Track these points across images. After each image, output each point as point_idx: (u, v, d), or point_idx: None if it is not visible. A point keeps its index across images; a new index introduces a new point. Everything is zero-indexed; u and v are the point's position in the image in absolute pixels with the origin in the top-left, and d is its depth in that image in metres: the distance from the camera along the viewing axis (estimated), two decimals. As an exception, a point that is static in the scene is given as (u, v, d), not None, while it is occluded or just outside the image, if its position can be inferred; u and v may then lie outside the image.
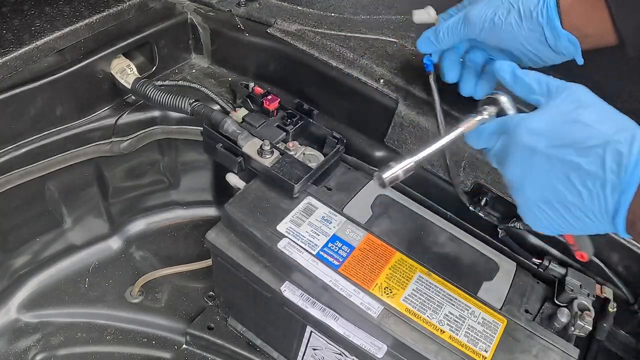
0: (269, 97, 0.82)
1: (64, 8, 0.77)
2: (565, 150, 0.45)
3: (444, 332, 0.64)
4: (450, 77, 0.70)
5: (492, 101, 0.56)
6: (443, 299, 0.67)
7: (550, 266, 0.72)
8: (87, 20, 0.76)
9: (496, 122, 0.53)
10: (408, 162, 0.55)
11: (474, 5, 0.62)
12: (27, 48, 0.70)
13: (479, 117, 0.56)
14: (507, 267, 0.73)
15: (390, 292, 0.67)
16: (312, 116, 0.83)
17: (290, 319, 0.73)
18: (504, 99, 0.55)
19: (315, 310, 0.68)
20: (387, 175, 0.55)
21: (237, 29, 0.90)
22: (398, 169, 0.55)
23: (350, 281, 0.67)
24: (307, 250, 0.69)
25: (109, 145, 0.88)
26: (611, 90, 0.87)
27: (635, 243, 0.68)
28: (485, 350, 0.63)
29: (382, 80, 0.80)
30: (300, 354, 0.78)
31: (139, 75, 0.85)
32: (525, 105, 0.57)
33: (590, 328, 0.66)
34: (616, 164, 0.42)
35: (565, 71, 0.91)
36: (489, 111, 0.56)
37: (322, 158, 0.79)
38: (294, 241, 0.70)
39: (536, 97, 0.51)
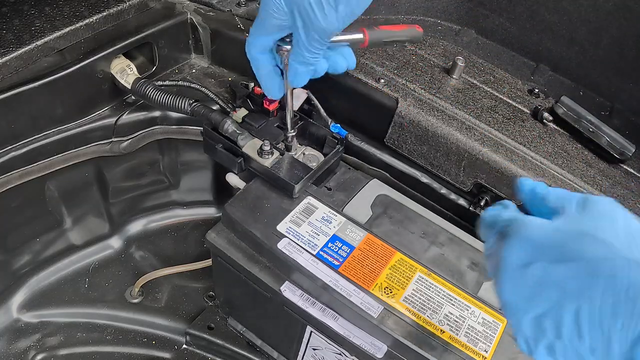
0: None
1: (64, 8, 0.77)
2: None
3: (444, 332, 0.64)
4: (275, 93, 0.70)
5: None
6: (443, 299, 0.67)
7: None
8: (87, 20, 0.76)
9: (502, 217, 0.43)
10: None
11: None
12: (27, 48, 0.70)
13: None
14: (507, 267, 0.73)
15: (390, 292, 0.67)
16: (312, 116, 0.83)
17: (290, 319, 0.73)
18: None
19: (315, 310, 0.68)
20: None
21: (237, 29, 0.90)
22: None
23: (350, 281, 0.67)
24: (307, 250, 0.69)
25: (109, 145, 0.88)
26: (611, 90, 0.87)
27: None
28: (485, 351, 0.63)
29: (382, 80, 0.80)
30: (300, 354, 0.78)
31: (139, 75, 0.85)
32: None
33: (590, 328, 0.66)
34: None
35: (565, 71, 0.91)
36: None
37: (322, 158, 0.79)
38: (294, 241, 0.70)
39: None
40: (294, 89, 0.74)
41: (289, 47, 0.62)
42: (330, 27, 0.56)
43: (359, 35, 0.63)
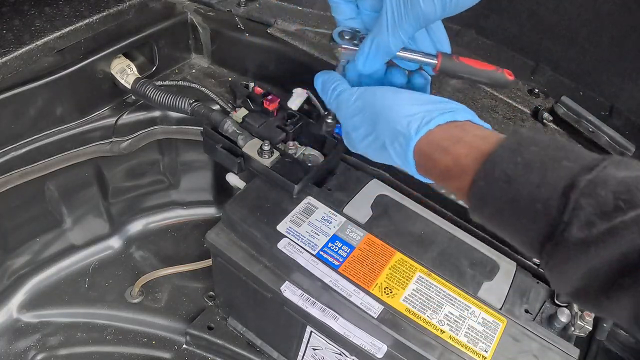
0: (269, 97, 0.82)
1: (64, 8, 0.77)
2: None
3: (444, 332, 0.64)
4: None
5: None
6: (443, 299, 0.67)
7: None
8: (87, 20, 0.76)
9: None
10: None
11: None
12: (27, 48, 0.70)
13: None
14: (507, 267, 0.73)
15: (390, 292, 0.67)
16: (312, 116, 0.83)
17: (290, 319, 0.73)
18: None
19: (315, 310, 0.68)
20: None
21: (237, 29, 0.90)
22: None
23: (350, 281, 0.67)
24: (307, 250, 0.69)
25: (109, 145, 0.88)
26: (611, 90, 0.87)
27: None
28: (485, 351, 0.63)
29: (382, 80, 0.80)
30: (300, 354, 0.78)
31: (139, 75, 0.85)
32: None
33: (590, 328, 0.66)
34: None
35: (565, 71, 0.91)
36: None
37: (322, 158, 0.79)
38: (294, 241, 0.70)
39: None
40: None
41: (348, 46, 0.57)
42: (428, 10, 0.49)
43: (432, 60, 0.56)
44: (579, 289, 0.39)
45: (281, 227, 0.71)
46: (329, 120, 0.65)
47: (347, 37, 0.57)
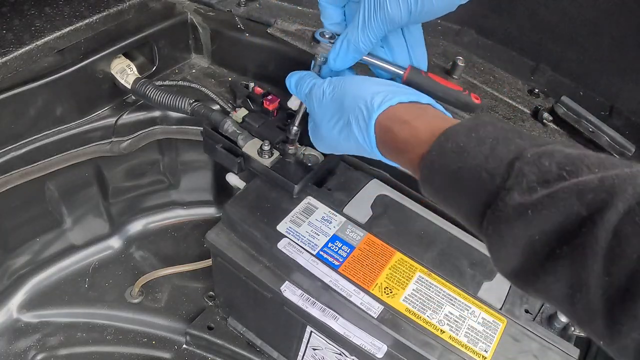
0: (269, 97, 0.82)
1: (64, 8, 0.77)
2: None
3: (444, 332, 0.64)
4: None
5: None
6: (443, 299, 0.67)
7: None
8: (87, 20, 0.76)
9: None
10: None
11: None
12: (27, 48, 0.70)
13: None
14: (507, 267, 0.73)
15: (390, 292, 0.67)
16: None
17: (290, 319, 0.73)
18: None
19: (315, 310, 0.68)
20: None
21: (237, 29, 0.90)
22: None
23: (350, 281, 0.67)
24: (307, 250, 0.69)
25: (109, 145, 0.88)
26: (611, 90, 0.87)
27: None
28: (485, 351, 0.63)
29: (382, 80, 0.80)
30: (300, 354, 0.78)
31: (139, 75, 0.85)
32: None
33: (590, 328, 0.66)
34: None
35: (565, 71, 0.91)
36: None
37: (322, 158, 0.79)
38: (294, 241, 0.70)
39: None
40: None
41: (325, 45, 0.60)
42: (394, 14, 0.53)
43: (400, 71, 0.59)
44: (518, 266, 0.39)
45: (281, 227, 0.71)
46: (295, 128, 0.70)
47: (327, 36, 0.61)
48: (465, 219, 0.44)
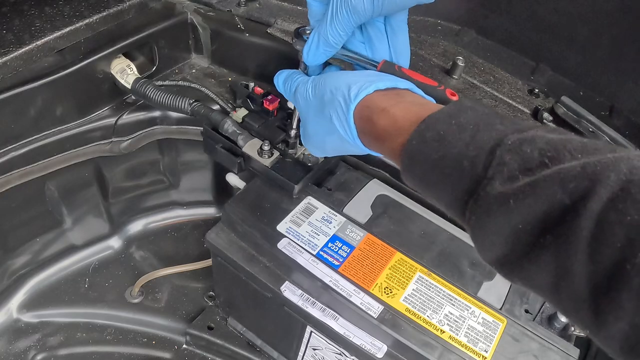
0: (269, 97, 0.82)
1: (64, 8, 0.77)
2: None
3: (444, 332, 0.64)
4: None
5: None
6: (443, 299, 0.67)
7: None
8: (87, 20, 0.76)
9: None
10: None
11: None
12: (27, 48, 0.70)
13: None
14: (507, 267, 0.73)
15: (390, 292, 0.67)
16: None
17: (290, 319, 0.73)
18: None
19: (315, 310, 0.68)
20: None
21: (237, 29, 0.90)
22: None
23: (350, 281, 0.67)
24: (307, 250, 0.69)
25: (109, 145, 0.88)
26: (611, 90, 0.87)
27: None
28: (485, 351, 0.63)
29: (382, 80, 0.80)
30: (300, 354, 0.78)
31: (139, 75, 0.85)
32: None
33: (590, 328, 0.66)
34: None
35: (565, 71, 0.91)
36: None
37: (322, 158, 0.79)
38: (294, 241, 0.70)
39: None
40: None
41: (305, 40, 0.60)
42: (358, 5, 0.53)
43: (373, 64, 0.59)
44: (502, 255, 0.38)
45: (281, 227, 0.71)
46: (294, 131, 0.70)
47: (307, 32, 0.61)
48: (448, 208, 0.43)
